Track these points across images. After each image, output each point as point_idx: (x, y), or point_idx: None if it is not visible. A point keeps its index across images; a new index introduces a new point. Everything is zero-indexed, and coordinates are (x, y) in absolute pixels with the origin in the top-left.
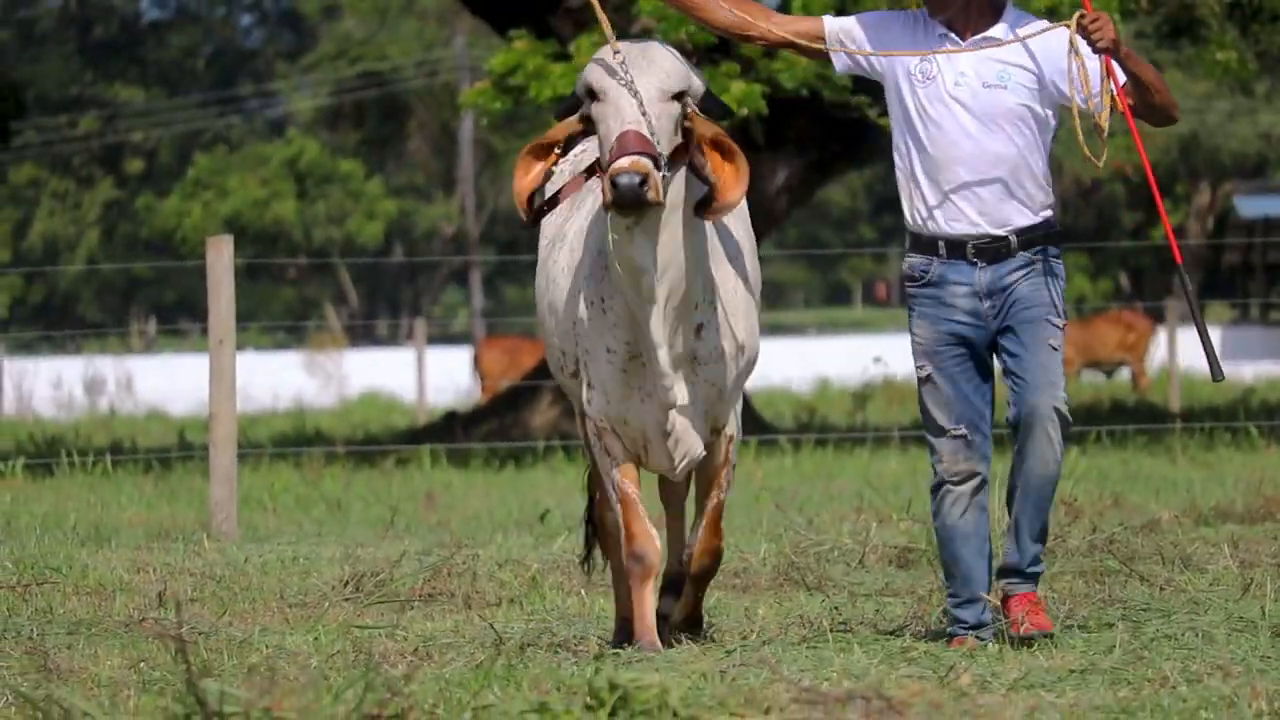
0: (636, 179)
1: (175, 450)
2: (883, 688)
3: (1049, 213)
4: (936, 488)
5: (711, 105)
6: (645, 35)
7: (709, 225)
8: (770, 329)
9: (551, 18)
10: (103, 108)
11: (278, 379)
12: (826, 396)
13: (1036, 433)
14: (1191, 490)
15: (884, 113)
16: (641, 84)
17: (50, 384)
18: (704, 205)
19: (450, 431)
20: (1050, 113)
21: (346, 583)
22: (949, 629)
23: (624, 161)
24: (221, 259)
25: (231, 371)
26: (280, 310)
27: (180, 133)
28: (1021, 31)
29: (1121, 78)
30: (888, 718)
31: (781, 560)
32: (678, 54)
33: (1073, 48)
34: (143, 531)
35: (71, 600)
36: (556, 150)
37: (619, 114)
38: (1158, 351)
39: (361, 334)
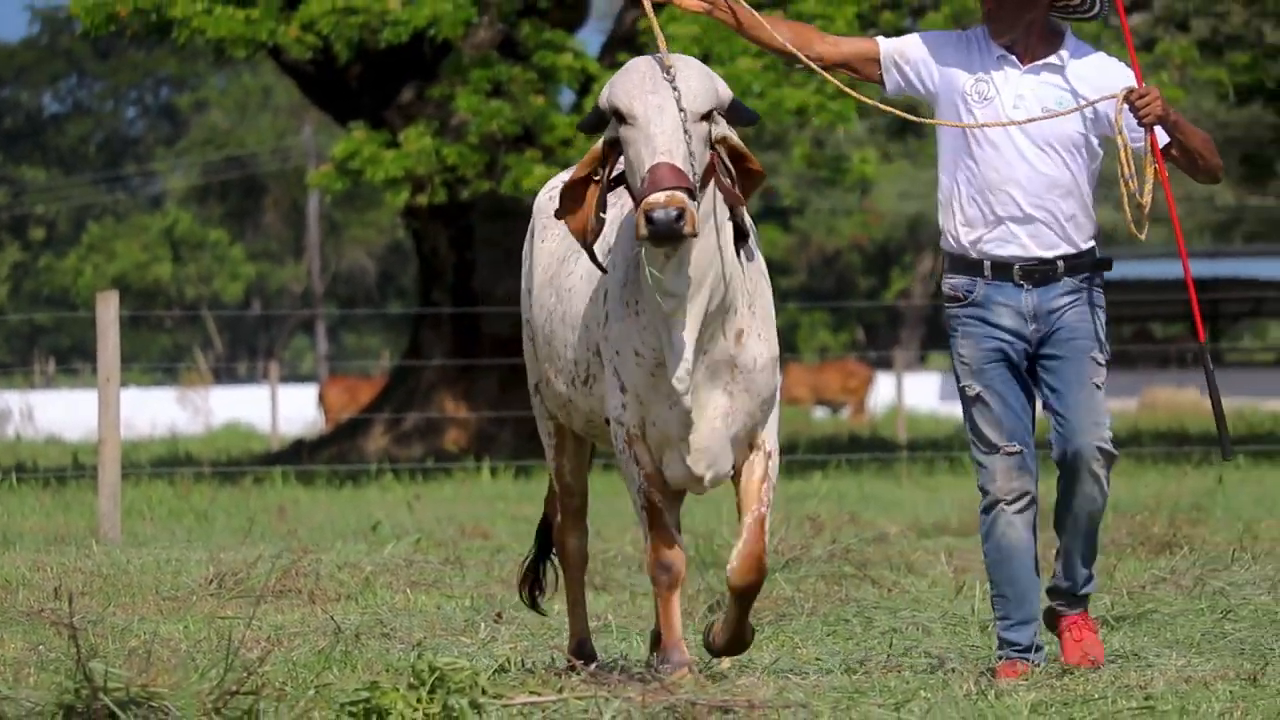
0: (673, 213)
1: (70, 470)
2: None
3: (1094, 241)
4: (988, 509)
5: (740, 114)
6: (463, 124)
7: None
8: None
9: (385, 111)
10: (11, 185)
11: (155, 411)
12: None
13: (1082, 474)
14: (915, 509)
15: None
16: (672, 107)
17: None
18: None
19: (298, 455)
20: (1099, 142)
21: (211, 581)
22: (998, 653)
23: (659, 196)
24: (109, 311)
25: (116, 405)
26: (157, 354)
27: (75, 205)
28: (1081, 61)
29: (1163, 139)
30: (660, 695)
31: None
32: (705, 67)
33: (1117, 127)
34: (42, 537)
35: None
36: (595, 179)
37: (650, 143)
38: (884, 393)
39: (225, 374)
